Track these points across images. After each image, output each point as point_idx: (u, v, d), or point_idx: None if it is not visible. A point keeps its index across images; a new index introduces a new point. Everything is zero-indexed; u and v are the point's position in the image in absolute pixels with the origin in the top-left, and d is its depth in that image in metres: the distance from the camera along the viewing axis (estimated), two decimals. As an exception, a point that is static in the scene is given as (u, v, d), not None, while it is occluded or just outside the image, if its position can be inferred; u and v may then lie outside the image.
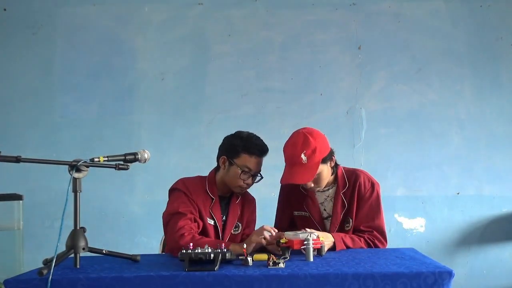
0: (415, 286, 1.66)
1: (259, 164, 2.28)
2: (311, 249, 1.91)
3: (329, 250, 2.09)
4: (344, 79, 3.93)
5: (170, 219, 2.20)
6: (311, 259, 1.91)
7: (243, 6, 3.93)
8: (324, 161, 2.18)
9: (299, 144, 2.15)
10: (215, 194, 2.30)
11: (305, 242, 1.92)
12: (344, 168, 2.37)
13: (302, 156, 2.13)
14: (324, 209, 2.35)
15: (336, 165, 2.32)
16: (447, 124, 3.91)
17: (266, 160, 3.82)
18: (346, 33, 3.94)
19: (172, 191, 2.30)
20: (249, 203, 2.43)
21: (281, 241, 1.98)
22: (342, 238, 2.16)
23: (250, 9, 3.93)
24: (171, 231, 2.14)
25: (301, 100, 3.90)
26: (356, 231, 2.28)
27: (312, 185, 2.21)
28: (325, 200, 2.34)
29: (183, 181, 2.29)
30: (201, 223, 2.23)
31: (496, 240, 3.88)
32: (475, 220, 3.89)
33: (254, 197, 2.50)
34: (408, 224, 3.89)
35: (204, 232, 2.24)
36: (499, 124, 3.91)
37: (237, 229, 2.36)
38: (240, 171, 2.24)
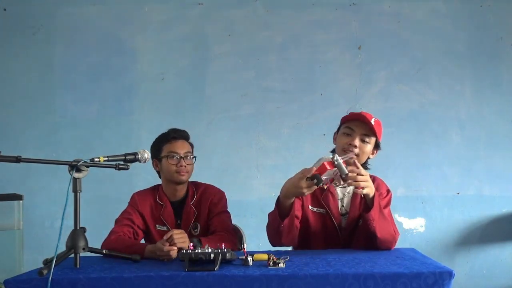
0: (415, 286, 1.66)
1: (182, 146, 2.41)
2: (342, 164, 1.88)
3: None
4: (344, 79, 3.93)
5: None
6: (346, 171, 1.88)
7: (243, 6, 3.93)
8: (376, 143, 2.25)
9: (371, 115, 2.24)
10: (164, 200, 2.43)
11: (335, 159, 1.88)
12: None
13: (372, 120, 2.20)
14: (343, 205, 2.34)
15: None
16: (447, 124, 3.91)
17: (266, 160, 3.77)
18: (346, 33, 3.94)
19: (127, 205, 2.46)
20: (206, 198, 2.44)
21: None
22: (379, 202, 2.15)
23: (250, 9, 3.93)
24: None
25: (301, 100, 3.90)
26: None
27: (357, 149, 2.20)
28: (344, 196, 2.33)
29: (133, 196, 2.46)
30: (140, 229, 2.38)
31: (496, 240, 3.88)
32: (475, 220, 3.89)
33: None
34: (408, 224, 3.89)
35: (152, 238, 2.37)
36: (499, 124, 3.92)
37: (196, 230, 2.41)
38: (168, 159, 2.37)
